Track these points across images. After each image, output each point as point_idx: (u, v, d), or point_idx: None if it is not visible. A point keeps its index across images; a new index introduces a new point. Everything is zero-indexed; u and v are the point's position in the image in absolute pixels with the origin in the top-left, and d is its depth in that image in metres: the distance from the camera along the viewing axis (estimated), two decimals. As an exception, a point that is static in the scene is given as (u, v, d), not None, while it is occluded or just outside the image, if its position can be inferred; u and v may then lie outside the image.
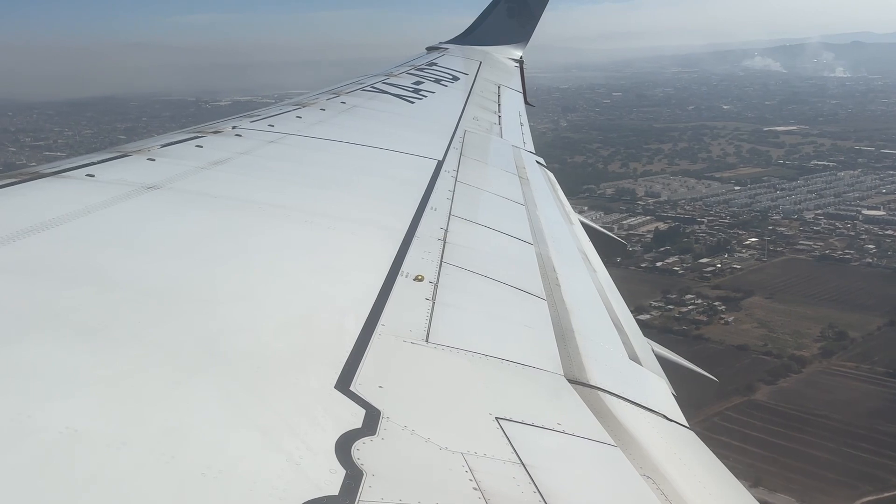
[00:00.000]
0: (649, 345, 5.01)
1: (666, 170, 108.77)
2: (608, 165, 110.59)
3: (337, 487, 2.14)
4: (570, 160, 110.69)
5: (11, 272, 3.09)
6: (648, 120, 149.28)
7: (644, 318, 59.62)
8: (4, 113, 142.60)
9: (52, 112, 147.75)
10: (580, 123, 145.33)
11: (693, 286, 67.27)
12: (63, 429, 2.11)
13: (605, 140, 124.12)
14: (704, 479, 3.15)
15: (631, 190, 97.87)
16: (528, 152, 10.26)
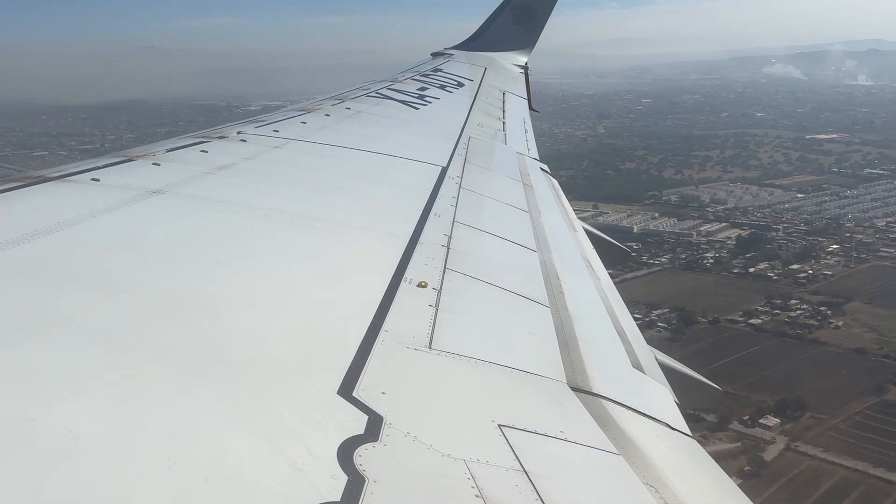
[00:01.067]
0: (652, 353, 5.00)
1: (722, 177, 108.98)
2: (662, 172, 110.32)
3: (339, 493, 2.14)
4: (622, 167, 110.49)
5: (17, 275, 3.10)
6: (685, 127, 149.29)
7: (755, 322, 62.42)
8: (38, 116, 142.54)
9: (85, 115, 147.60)
10: (618, 130, 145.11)
11: (792, 292, 69.09)
12: (65, 433, 2.11)
13: (648, 147, 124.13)
14: (707, 489, 3.14)
15: (695, 196, 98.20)
16: (532, 159, 10.26)
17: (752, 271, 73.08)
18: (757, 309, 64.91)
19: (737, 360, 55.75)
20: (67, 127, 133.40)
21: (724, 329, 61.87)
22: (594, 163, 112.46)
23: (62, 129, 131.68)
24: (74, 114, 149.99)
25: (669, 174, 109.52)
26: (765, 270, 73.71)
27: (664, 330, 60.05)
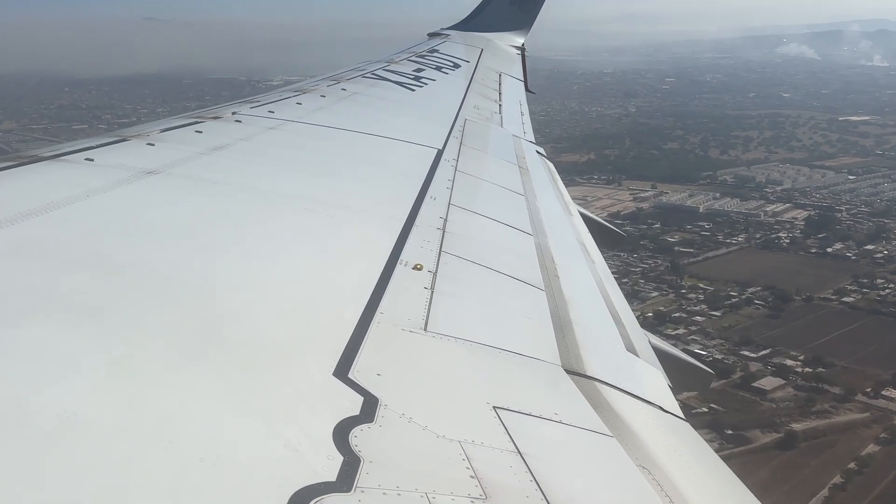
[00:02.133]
0: (646, 336, 5.02)
1: (769, 157, 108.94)
2: (707, 152, 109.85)
3: (335, 474, 2.15)
4: (665, 147, 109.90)
5: (10, 255, 3.09)
6: (715, 107, 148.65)
7: (848, 300, 63.54)
8: (60, 89, 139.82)
9: (108, 88, 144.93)
10: (649, 109, 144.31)
11: (874, 271, 69.92)
12: (61, 413, 2.12)
13: (685, 127, 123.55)
14: (699, 471, 3.17)
15: (750, 177, 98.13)
16: (528, 142, 10.24)
17: (829, 251, 74.45)
18: (846, 287, 66.14)
19: (841, 337, 56.70)
20: (94, 100, 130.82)
21: (819, 307, 62.80)
22: (636, 142, 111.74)
23: (90, 101, 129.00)
24: (97, 87, 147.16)
25: (715, 154, 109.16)
26: (842, 251, 75.00)
27: (762, 307, 60.59)
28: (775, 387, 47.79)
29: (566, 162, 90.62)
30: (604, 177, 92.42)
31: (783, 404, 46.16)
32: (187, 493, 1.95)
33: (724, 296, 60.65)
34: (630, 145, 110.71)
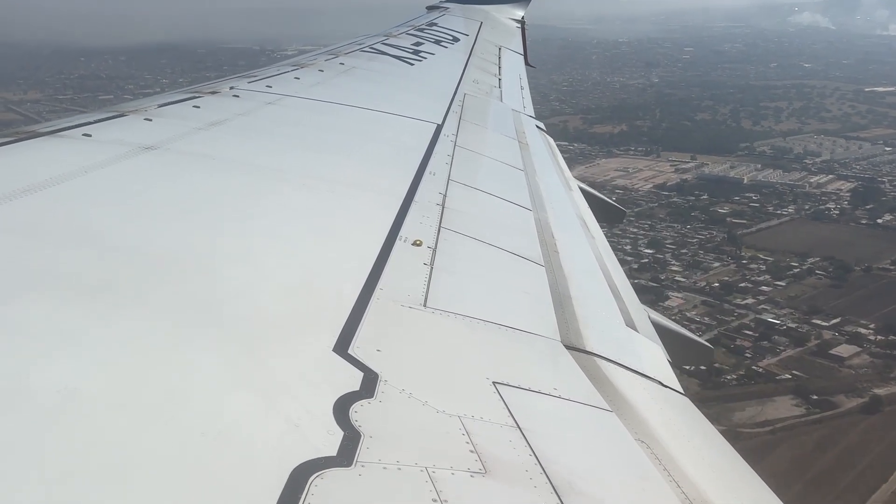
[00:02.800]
0: (645, 311, 5.03)
1: (802, 129, 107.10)
2: (740, 123, 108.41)
3: (335, 448, 2.16)
4: (697, 118, 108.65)
5: (8, 232, 3.08)
6: (737, 77, 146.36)
7: None
8: (76, 58, 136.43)
9: (124, 58, 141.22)
10: (672, 80, 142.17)
11: None
12: (62, 388, 2.12)
13: (713, 98, 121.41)
14: (698, 445, 3.19)
15: (787, 149, 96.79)
16: (527, 116, 10.18)
17: (879, 222, 73.81)
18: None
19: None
20: (113, 69, 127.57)
21: (880, 276, 62.04)
22: (666, 113, 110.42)
23: (110, 71, 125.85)
24: (112, 56, 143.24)
25: (748, 125, 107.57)
26: (891, 221, 74.32)
27: (824, 277, 60.21)
28: (851, 354, 47.53)
29: (599, 133, 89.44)
30: (640, 148, 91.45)
31: (862, 370, 46.00)
32: (189, 468, 1.96)
33: (785, 266, 59.99)
34: (661, 116, 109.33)
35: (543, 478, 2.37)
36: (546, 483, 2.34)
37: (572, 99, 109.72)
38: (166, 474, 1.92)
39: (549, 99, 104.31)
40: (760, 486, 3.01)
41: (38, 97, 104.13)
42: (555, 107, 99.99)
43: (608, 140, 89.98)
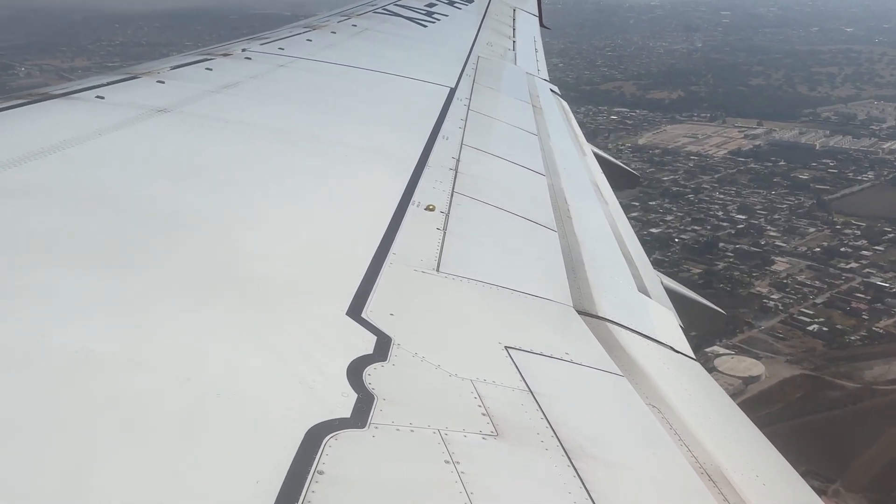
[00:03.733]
0: (658, 277, 5.02)
1: (860, 94, 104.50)
2: (796, 89, 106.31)
3: (349, 410, 2.19)
4: (751, 83, 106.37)
5: (23, 194, 3.10)
6: (780, 41, 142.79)
7: None
8: (110, 25, 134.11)
9: (158, 24, 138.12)
10: (716, 44, 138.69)
11: None
12: (79, 349, 2.15)
13: (762, 63, 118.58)
14: (709, 410, 3.20)
15: (851, 114, 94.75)
16: (542, 80, 10.07)
17: None
18: None
19: None
20: (151, 36, 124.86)
21: None
22: (719, 79, 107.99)
23: (149, 38, 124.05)
24: (146, 22, 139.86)
25: (804, 91, 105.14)
26: None
27: None
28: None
29: (656, 99, 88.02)
30: (703, 114, 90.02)
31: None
32: (205, 428, 1.99)
33: (878, 231, 58.91)
34: (715, 82, 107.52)
35: (555, 441, 2.39)
36: (557, 446, 2.36)
37: (620, 64, 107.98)
38: (183, 434, 1.95)
39: (597, 64, 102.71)
40: (771, 451, 3.02)
41: (87, 64, 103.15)
42: (605, 73, 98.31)
43: (668, 106, 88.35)
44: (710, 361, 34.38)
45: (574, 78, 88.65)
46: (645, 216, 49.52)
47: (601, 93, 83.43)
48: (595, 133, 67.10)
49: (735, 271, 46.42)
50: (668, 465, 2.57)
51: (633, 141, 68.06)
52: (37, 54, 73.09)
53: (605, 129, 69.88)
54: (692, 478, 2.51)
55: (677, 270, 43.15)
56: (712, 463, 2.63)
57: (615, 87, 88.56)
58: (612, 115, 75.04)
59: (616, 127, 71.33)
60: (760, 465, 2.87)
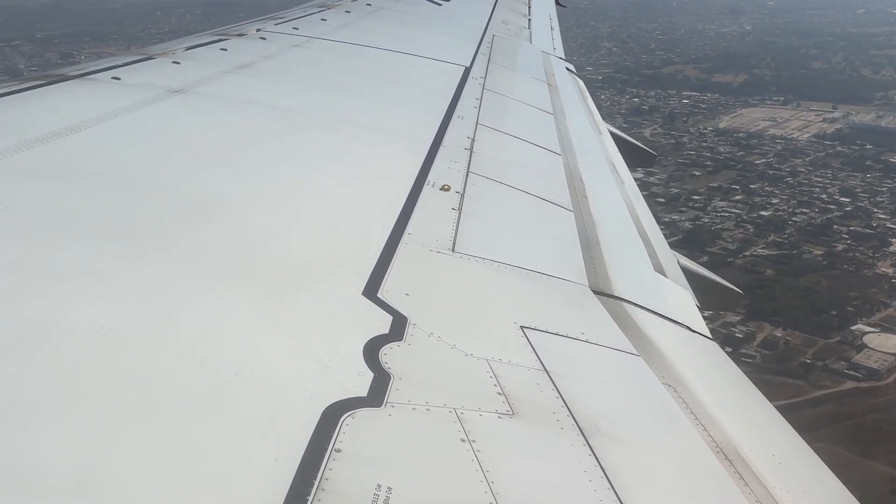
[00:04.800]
0: (675, 257, 4.99)
1: None
2: (859, 72, 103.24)
3: (365, 389, 2.20)
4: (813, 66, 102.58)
5: (41, 175, 3.12)
6: (829, 24, 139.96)
7: None
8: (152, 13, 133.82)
9: (199, 12, 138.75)
10: (765, 27, 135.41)
11: None
12: (97, 329, 2.17)
13: (816, 45, 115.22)
14: (726, 389, 3.20)
15: None
16: (557, 58, 9.99)
17: None
18: None
19: None
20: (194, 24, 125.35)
21: None
22: (779, 62, 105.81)
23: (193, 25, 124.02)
24: (187, 9, 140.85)
25: (868, 74, 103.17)
26: None
27: None
28: None
29: (722, 82, 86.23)
30: (776, 98, 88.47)
31: None
32: (224, 407, 2.01)
33: None
34: (776, 65, 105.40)
35: (570, 420, 2.39)
36: (573, 425, 2.37)
37: (675, 48, 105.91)
38: (202, 413, 1.97)
39: (651, 48, 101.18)
40: (788, 430, 3.01)
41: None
42: (662, 56, 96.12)
43: (736, 90, 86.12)
44: (858, 339, 33.71)
45: (633, 62, 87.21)
46: (750, 199, 48.81)
47: (664, 76, 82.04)
48: (672, 117, 66.19)
49: (854, 252, 45.68)
50: (684, 444, 2.57)
51: (714, 124, 66.99)
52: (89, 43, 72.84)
53: (680, 113, 68.63)
54: (708, 457, 2.51)
55: (798, 253, 42.73)
56: (728, 442, 2.63)
57: (677, 70, 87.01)
58: (684, 99, 74.02)
59: (691, 111, 70.29)
60: (777, 444, 2.87)
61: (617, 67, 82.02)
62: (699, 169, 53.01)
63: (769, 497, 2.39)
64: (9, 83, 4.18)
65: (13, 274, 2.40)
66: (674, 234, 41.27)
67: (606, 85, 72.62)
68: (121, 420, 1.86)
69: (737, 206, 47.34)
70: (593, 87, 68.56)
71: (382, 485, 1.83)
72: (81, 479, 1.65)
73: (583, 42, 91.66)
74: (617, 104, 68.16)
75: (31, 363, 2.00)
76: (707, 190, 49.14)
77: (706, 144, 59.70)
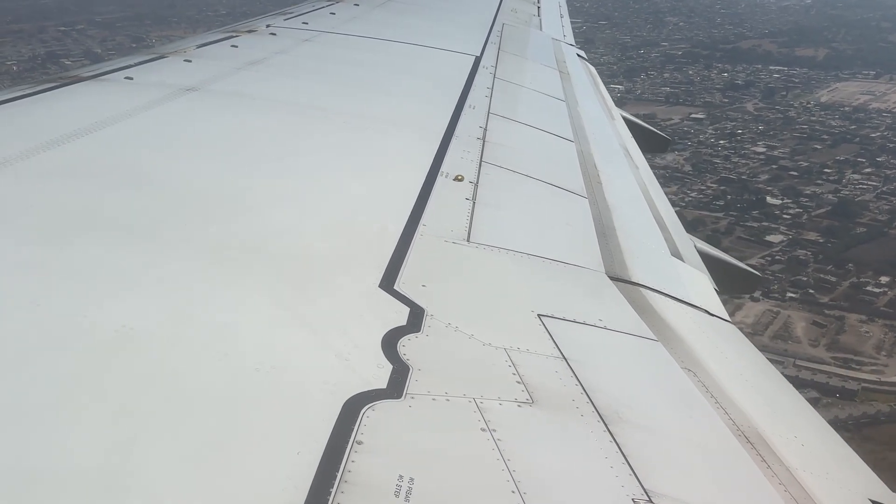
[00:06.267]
0: (691, 241, 4.97)
1: None
2: None
3: (385, 381, 2.21)
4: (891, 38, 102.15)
5: (60, 176, 3.15)
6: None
7: None
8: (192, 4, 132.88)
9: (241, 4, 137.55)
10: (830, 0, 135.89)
11: None
12: (119, 327, 2.20)
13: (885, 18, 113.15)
14: (745, 373, 3.18)
15: None
16: (568, 45, 9.93)
17: None
18: None
19: None
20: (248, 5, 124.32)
21: None
22: (855, 35, 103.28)
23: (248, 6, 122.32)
24: None
25: None
26: None
27: None
28: None
29: (804, 57, 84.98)
30: (866, 71, 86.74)
31: None
32: (244, 401, 2.03)
33: None
34: (851, 38, 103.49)
35: (590, 407, 2.39)
36: (593, 412, 2.37)
37: (743, 22, 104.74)
38: (224, 408, 1.99)
39: (717, 22, 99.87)
40: (810, 411, 3.00)
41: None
42: (731, 31, 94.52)
43: (821, 64, 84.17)
44: None
45: (707, 37, 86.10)
46: (880, 171, 48.26)
47: (743, 51, 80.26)
48: (771, 92, 65.17)
49: None
50: (705, 428, 2.57)
51: (815, 99, 65.98)
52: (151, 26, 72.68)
53: (776, 87, 67.53)
54: (730, 440, 2.51)
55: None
56: (750, 425, 2.62)
57: (753, 45, 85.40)
58: (774, 74, 72.97)
59: (785, 85, 69.23)
60: (799, 426, 2.85)
61: (692, 42, 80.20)
62: (818, 143, 52.29)
63: (792, 479, 2.39)
64: (24, 86, 4.22)
65: (35, 274, 2.43)
66: (819, 206, 41.62)
67: (690, 60, 71.51)
68: (145, 416, 1.89)
69: (870, 179, 46.73)
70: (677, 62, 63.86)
71: (404, 476, 1.84)
72: (109, 474, 1.67)
73: (646, 17, 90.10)
74: (708, 79, 67.18)
75: (55, 362, 2.02)
76: (835, 163, 48.46)
77: (815, 119, 58.67)
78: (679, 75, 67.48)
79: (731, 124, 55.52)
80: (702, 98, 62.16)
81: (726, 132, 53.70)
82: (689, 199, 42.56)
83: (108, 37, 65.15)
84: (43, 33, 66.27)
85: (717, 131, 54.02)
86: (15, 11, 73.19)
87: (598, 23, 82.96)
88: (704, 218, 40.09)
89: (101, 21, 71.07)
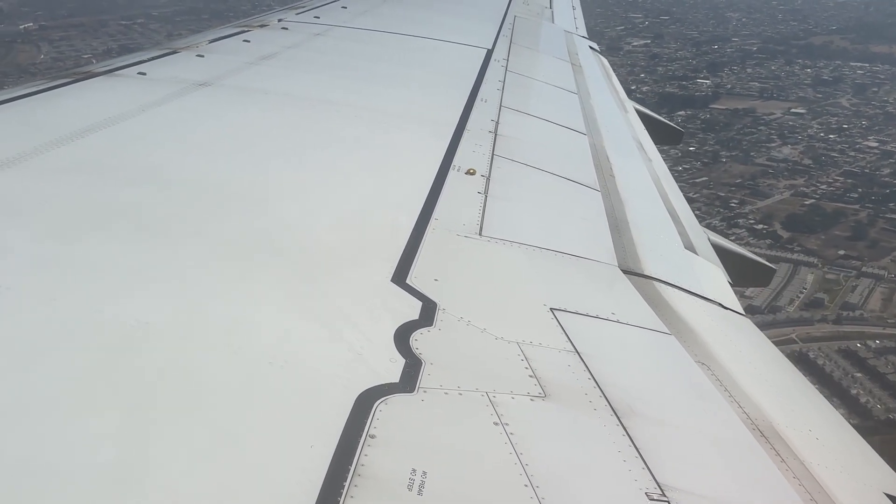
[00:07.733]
0: (705, 233, 4.94)
1: None
2: None
3: (397, 375, 2.22)
4: None
5: (74, 172, 3.17)
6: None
7: None
8: None
9: None
10: None
11: None
12: (134, 322, 2.21)
13: None
14: (759, 366, 3.16)
15: None
16: (580, 37, 9.88)
17: None
18: None
19: None
20: None
21: None
22: None
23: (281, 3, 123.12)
24: None
25: None
26: None
27: None
28: None
29: (882, 53, 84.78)
30: None
31: None
32: (258, 395, 2.04)
33: None
34: None
35: (603, 401, 2.39)
36: (606, 406, 2.36)
37: (807, 18, 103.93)
38: (238, 402, 2.00)
39: (778, 18, 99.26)
40: (824, 405, 2.98)
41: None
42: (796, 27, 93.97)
43: None
44: None
45: (775, 33, 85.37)
46: None
47: (816, 47, 79.27)
48: (862, 88, 64.31)
49: None
50: (719, 422, 2.56)
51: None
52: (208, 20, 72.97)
53: (864, 84, 66.75)
54: (744, 434, 2.49)
55: None
56: (764, 419, 2.61)
57: (825, 41, 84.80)
58: (858, 70, 72.23)
59: (872, 81, 68.65)
60: (814, 420, 2.84)
61: (762, 38, 78.74)
62: (933, 138, 51.29)
63: (807, 473, 2.37)
64: (38, 82, 4.25)
65: (50, 269, 2.45)
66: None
67: (767, 56, 70.83)
68: (159, 410, 1.90)
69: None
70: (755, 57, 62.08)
71: (417, 469, 1.84)
72: (124, 467, 1.69)
73: (706, 12, 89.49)
74: (793, 75, 66.39)
75: (71, 357, 2.04)
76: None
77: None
78: (762, 70, 66.54)
79: (834, 119, 54.75)
80: (794, 93, 61.30)
81: (832, 127, 53.05)
82: (820, 191, 42.49)
83: (173, 30, 65.22)
84: (106, 27, 66.34)
85: (822, 126, 53.33)
86: (66, 5, 73.22)
87: (660, 17, 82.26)
88: (844, 210, 40.01)
89: (158, 15, 71.18)
